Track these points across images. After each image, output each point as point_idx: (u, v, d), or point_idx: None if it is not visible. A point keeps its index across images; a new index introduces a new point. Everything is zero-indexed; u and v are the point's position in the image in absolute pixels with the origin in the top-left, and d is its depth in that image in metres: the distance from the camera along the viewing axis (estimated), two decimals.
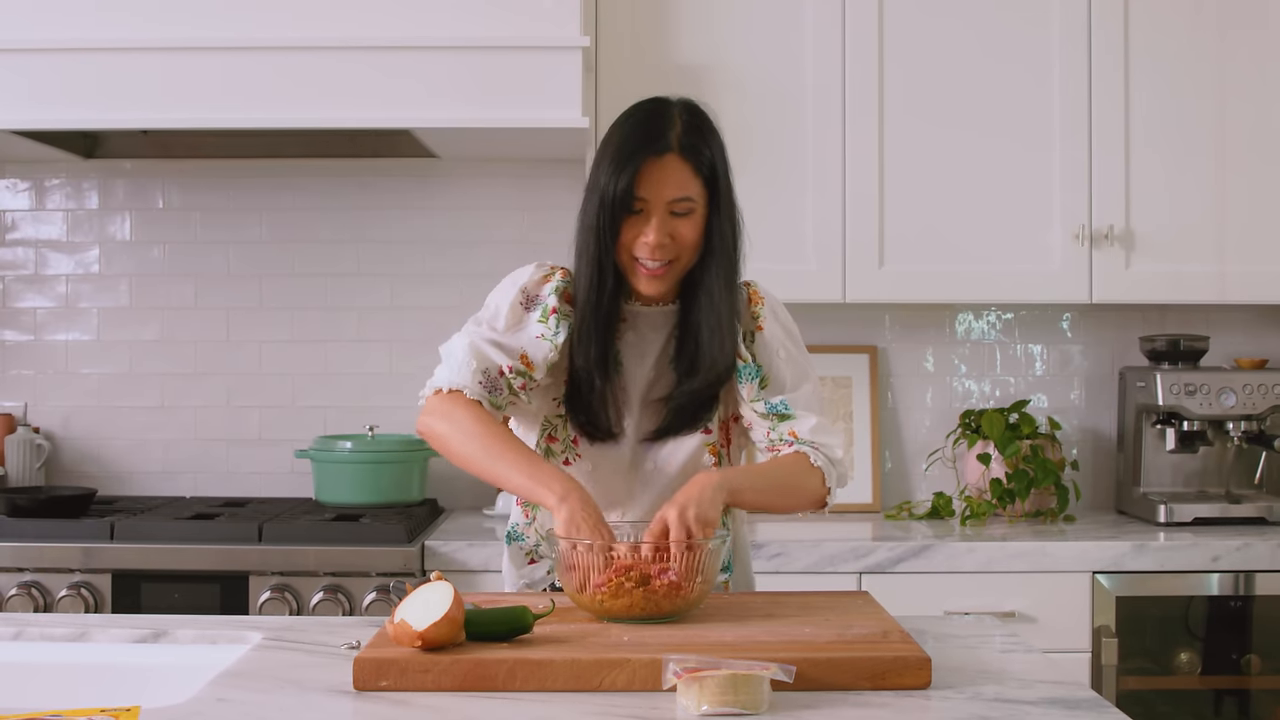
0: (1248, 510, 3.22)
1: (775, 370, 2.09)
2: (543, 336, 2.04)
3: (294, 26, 2.98)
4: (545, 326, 2.04)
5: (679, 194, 1.97)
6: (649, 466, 2.08)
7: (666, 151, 1.97)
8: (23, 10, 3.00)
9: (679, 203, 1.98)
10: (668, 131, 1.98)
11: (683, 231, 1.99)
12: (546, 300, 2.06)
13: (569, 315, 2.05)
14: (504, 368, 2.02)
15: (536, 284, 2.08)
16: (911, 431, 3.56)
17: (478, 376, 2.01)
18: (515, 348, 2.03)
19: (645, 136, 1.98)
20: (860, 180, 3.21)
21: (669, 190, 1.97)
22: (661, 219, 1.97)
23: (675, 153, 1.97)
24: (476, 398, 2.00)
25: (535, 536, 2.12)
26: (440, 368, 2.05)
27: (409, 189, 3.55)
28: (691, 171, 1.98)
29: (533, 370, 2.03)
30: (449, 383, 2.01)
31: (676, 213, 1.98)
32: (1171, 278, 3.24)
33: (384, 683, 1.61)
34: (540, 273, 2.09)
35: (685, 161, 1.98)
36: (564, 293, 2.06)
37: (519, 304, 2.07)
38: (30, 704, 1.75)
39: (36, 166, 3.55)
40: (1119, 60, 3.21)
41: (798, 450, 2.05)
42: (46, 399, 3.56)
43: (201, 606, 2.82)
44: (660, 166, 1.96)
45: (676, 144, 1.97)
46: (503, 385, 2.02)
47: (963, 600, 2.89)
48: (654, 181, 1.96)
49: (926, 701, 1.59)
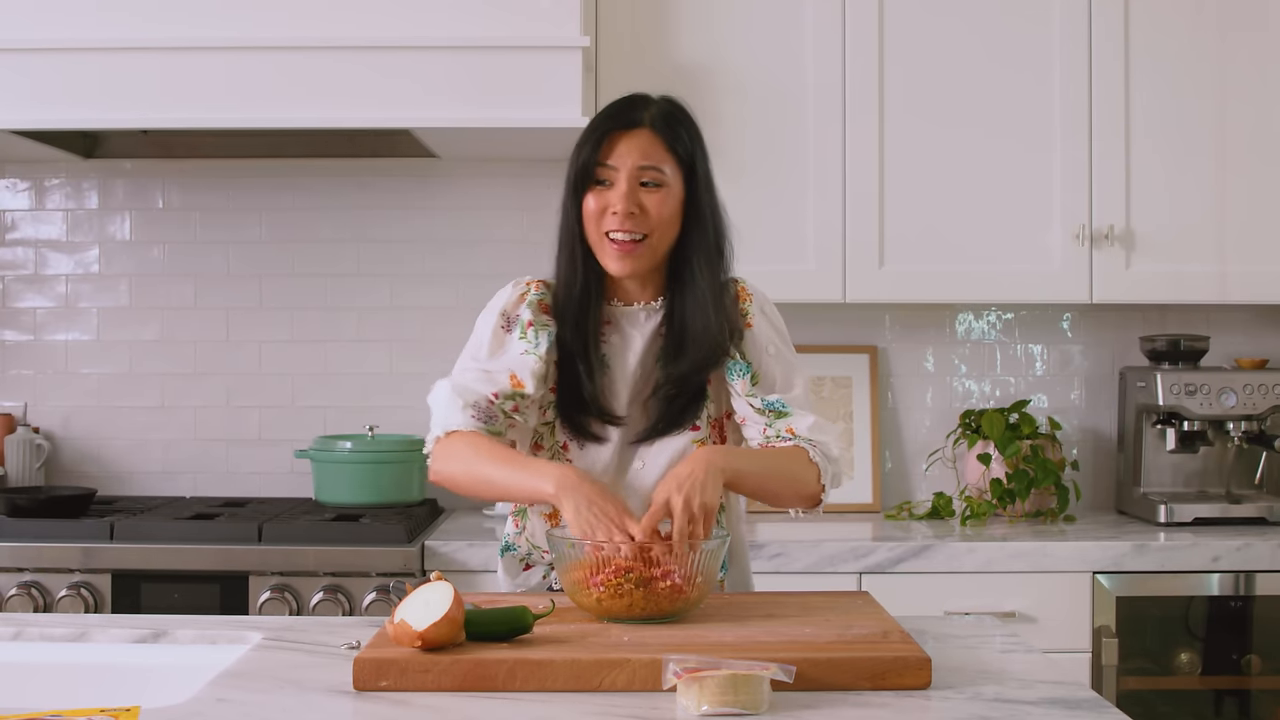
0: (1248, 510, 3.22)
1: (765, 367, 2.09)
2: (526, 351, 2.04)
3: (293, 26, 2.98)
4: (526, 341, 2.05)
5: (646, 161, 2.00)
6: (637, 465, 2.08)
7: (637, 125, 2.00)
8: (23, 10, 2.99)
9: (647, 171, 1.99)
10: (642, 112, 2.02)
11: (652, 205, 2.00)
12: (523, 316, 2.07)
13: (548, 324, 2.06)
14: (491, 396, 2.02)
15: (514, 304, 2.09)
16: (911, 431, 3.56)
17: (469, 411, 2.01)
18: (503, 370, 2.04)
19: (618, 113, 2.03)
20: (860, 180, 3.21)
21: (636, 157, 1.99)
22: (630, 188, 1.99)
23: (647, 127, 2.01)
24: (474, 430, 2.01)
25: (527, 545, 2.13)
26: (432, 419, 2.05)
27: (409, 189, 3.55)
28: (663, 146, 2.01)
29: (523, 388, 2.02)
30: (444, 427, 2.02)
31: (646, 183, 2.00)
32: (1172, 278, 3.24)
33: (384, 683, 1.61)
34: (516, 292, 2.11)
35: (658, 136, 2.01)
36: (540, 304, 2.07)
37: (500, 328, 2.09)
38: (30, 704, 1.75)
39: (36, 166, 3.55)
40: (1119, 60, 3.21)
41: (796, 445, 2.05)
42: (46, 399, 3.56)
43: (201, 606, 2.82)
44: (630, 138, 2.00)
45: (649, 121, 2.01)
46: (496, 412, 2.02)
47: (963, 600, 2.89)
48: (622, 151, 2.00)
49: (926, 702, 1.59)
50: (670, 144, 2.01)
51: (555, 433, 2.08)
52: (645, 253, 2.02)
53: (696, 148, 2.04)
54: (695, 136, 2.05)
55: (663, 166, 2.00)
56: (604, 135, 2.00)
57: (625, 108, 2.04)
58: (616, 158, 2.00)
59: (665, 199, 2.01)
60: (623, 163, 1.99)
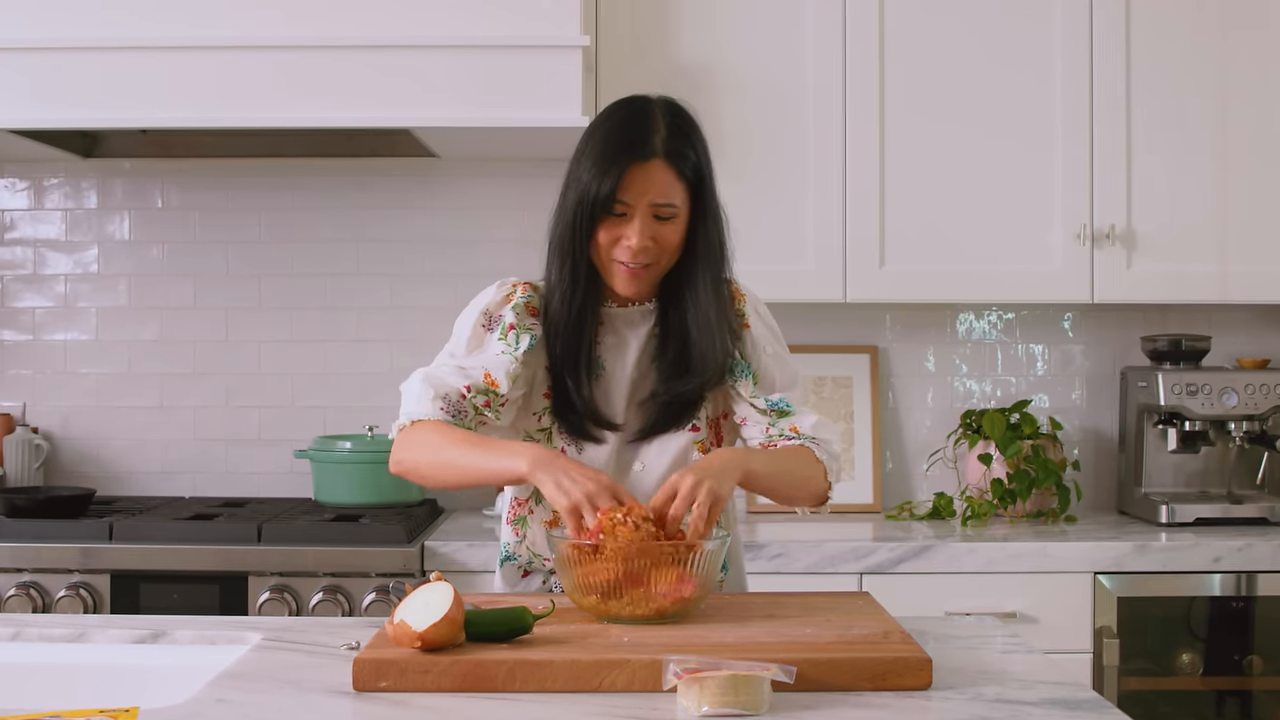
0: (1249, 511, 3.21)
1: (763, 368, 2.09)
2: (503, 352, 2.03)
3: (293, 26, 2.98)
4: (504, 343, 2.04)
5: (663, 200, 1.97)
6: (637, 468, 2.07)
7: (652, 157, 1.96)
8: (23, 10, 2.99)
9: (663, 208, 1.97)
10: (653, 136, 1.97)
11: (665, 235, 1.99)
12: (505, 318, 2.06)
13: (531, 328, 2.05)
14: (463, 389, 2.01)
15: (498, 305, 2.08)
16: (912, 431, 3.56)
17: (438, 404, 1.99)
18: (478, 367, 2.02)
19: (630, 140, 1.97)
20: (861, 180, 3.20)
21: (653, 195, 1.96)
22: (645, 223, 1.97)
23: (661, 158, 1.96)
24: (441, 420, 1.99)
25: (528, 554, 2.12)
26: (401, 408, 2.04)
27: (409, 189, 3.54)
28: (676, 176, 1.97)
29: (497, 387, 2.01)
30: (410, 415, 2.01)
31: (660, 217, 1.98)
32: (1173, 278, 3.23)
33: (384, 683, 1.61)
34: (501, 293, 2.09)
35: (670, 166, 1.97)
36: (527, 306, 2.06)
37: (480, 326, 2.07)
38: (29, 704, 1.75)
39: (35, 166, 3.55)
40: (1121, 60, 3.21)
41: (801, 444, 2.05)
42: (45, 399, 3.56)
43: (201, 607, 2.81)
44: (645, 172, 1.96)
45: (662, 148, 1.96)
46: (466, 407, 2.00)
47: (964, 601, 2.89)
48: (638, 187, 1.96)
49: (927, 702, 1.59)
50: (680, 170, 1.98)
51: (552, 439, 2.07)
52: (654, 275, 2.03)
53: (703, 162, 2.02)
54: (702, 151, 2.02)
55: (675, 200, 1.98)
56: (621, 170, 1.95)
57: (637, 133, 1.97)
58: (631, 194, 1.96)
59: (676, 228, 2.00)
60: (638, 200, 1.96)
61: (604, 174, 1.95)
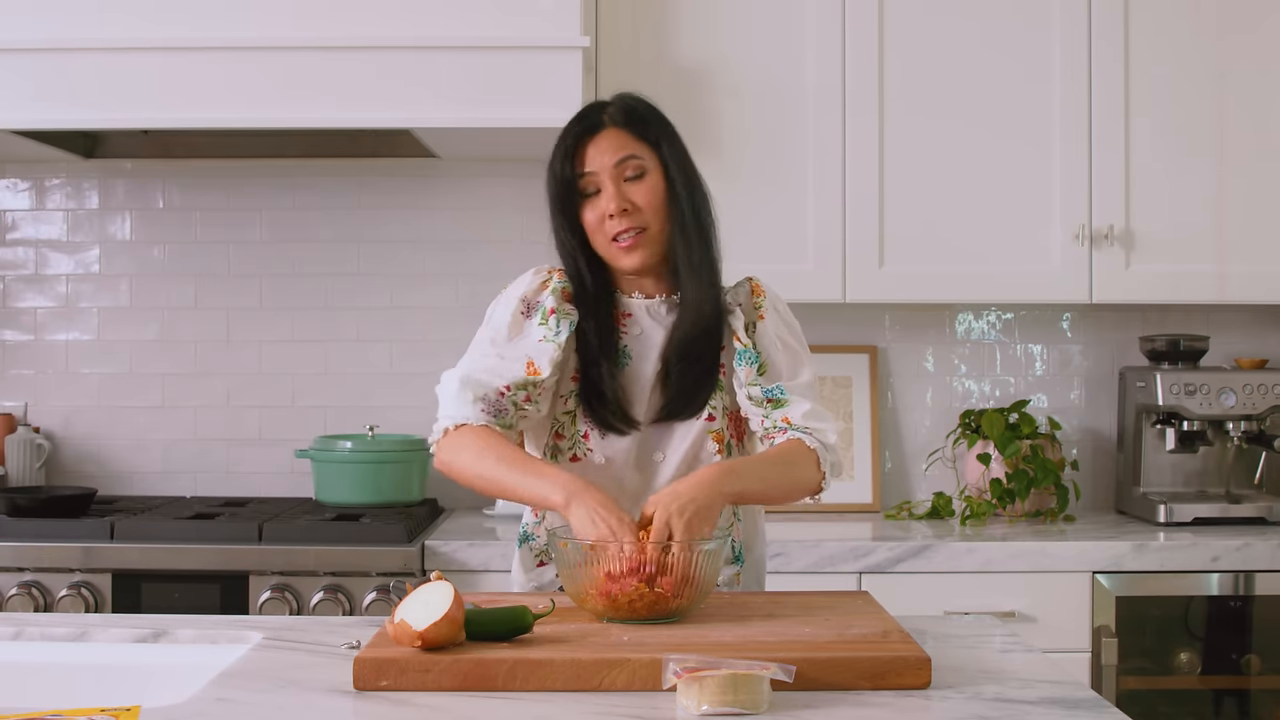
0: (1247, 510, 3.22)
1: (773, 360, 2.11)
2: (544, 339, 2.06)
3: (294, 26, 2.98)
4: (546, 328, 2.07)
5: (621, 154, 2.04)
6: (657, 458, 2.10)
7: (601, 127, 2.06)
8: (23, 10, 3.00)
9: (626, 163, 2.04)
10: (600, 113, 2.08)
11: (639, 194, 2.04)
12: (545, 303, 2.09)
13: (570, 314, 2.08)
14: (502, 389, 2.03)
15: (535, 291, 2.12)
16: (911, 431, 3.56)
17: (478, 405, 2.02)
18: (519, 356, 2.05)
19: (578, 121, 2.08)
20: (860, 180, 3.21)
21: (610, 155, 2.04)
22: (616, 187, 2.03)
23: (610, 125, 2.06)
24: (483, 424, 2.02)
25: (546, 535, 2.13)
26: (440, 409, 2.06)
27: (409, 189, 3.55)
28: (630, 136, 2.06)
29: (539, 375, 2.04)
30: (452, 419, 2.03)
31: (628, 176, 2.04)
32: (1171, 278, 3.24)
33: (384, 683, 1.61)
34: (538, 279, 2.13)
35: (623, 130, 2.06)
36: (563, 292, 2.10)
37: (520, 313, 2.11)
38: (30, 704, 1.75)
39: (36, 166, 3.55)
40: (1119, 60, 3.21)
41: (791, 437, 2.06)
42: (47, 399, 3.56)
43: (201, 606, 2.82)
44: (598, 140, 2.05)
45: (610, 119, 2.07)
46: (507, 405, 2.03)
47: (963, 600, 2.89)
48: (594, 154, 2.05)
49: (926, 701, 1.59)
50: (638, 133, 2.06)
51: (576, 421, 2.09)
52: (649, 241, 2.06)
53: (661, 130, 2.09)
54: (656, 120, 2.10)
55: (638, 154, 2.05)
56: (574, 145, 2.05)
57: (584, 114, 2.09)
58: (592, 163, 2.05)
59: (652, 187, 2.05)
60: (600, 164, 2.04)
61: (564, 158, 2.05)
